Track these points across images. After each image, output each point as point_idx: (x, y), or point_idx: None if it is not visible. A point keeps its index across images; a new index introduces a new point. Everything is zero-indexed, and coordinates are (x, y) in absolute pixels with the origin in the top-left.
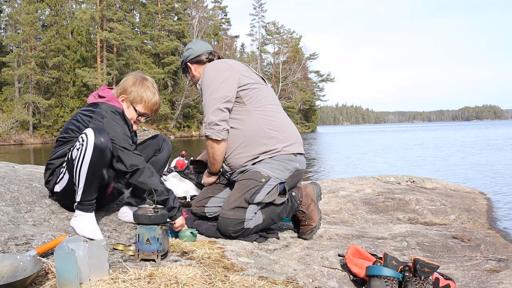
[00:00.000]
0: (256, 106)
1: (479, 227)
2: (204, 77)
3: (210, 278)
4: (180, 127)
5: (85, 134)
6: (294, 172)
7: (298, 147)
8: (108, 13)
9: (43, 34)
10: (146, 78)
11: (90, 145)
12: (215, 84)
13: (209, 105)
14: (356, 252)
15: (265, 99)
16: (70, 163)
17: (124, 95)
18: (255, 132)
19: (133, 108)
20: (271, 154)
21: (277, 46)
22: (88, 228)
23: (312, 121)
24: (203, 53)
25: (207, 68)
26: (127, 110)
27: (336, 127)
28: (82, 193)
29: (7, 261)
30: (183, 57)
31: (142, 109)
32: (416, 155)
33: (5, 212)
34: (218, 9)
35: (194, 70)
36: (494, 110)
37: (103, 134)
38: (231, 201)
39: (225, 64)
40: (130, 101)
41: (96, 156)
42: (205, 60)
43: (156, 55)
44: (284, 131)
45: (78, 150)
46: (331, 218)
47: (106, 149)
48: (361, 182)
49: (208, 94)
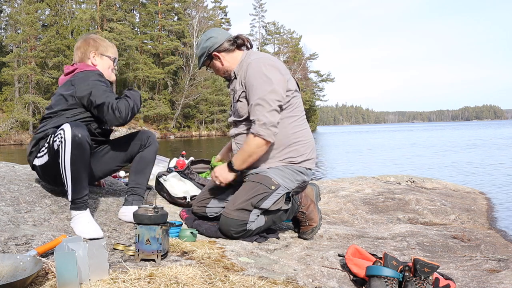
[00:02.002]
0: (290, 114)
1: (479, 227)
2: (257, 71)
3: (210, 278)
4: (180, 127)
5: (62, 130)
6: (301, 183)
7: (312, 163)
8: (108, 13)
9: (43, 34)
10: (92, 34)
11: (68, 141)
12: (271, 82)
13: (267, 104)
14: (356, 252)
15: (299, 109)
16: (52, 151)
17: (92, 52)
18: (282, 140)
19: (106, 56)
20: (286, 163)
21: (277, 46)
22: (86, 229)
23: (312, 121)
24: (227, 39)
25: (260, 62)
26: (102, 62)
27: (336, 127)
28: (72, 191)
29: (7, 261)
30: (205, 48)
31: (113, 54)
32: (400, 154)
33: (5, 212)
34: (218, 9)
35: (223, 59)
36: (494, 110)
37: (80, 128)
38: (237, 202)
39: (275, 64)
40: (100, 53)
41: (75, 152)
42: (233, 47)
43: (156, 55)
44: (308, 145)
45: (59, 147)
46: (331, 218)
47: (84, 143)
48: (361, 182)
49: (265, 92)
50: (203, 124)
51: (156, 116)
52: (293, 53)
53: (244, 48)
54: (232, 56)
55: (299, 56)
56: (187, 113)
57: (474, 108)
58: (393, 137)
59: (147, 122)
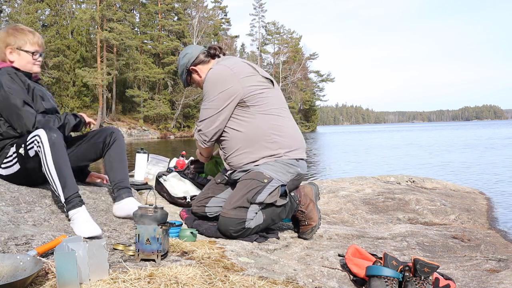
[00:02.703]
0: (261, 110)
1: (479, 227)
2: (206, 81)
3: (210, 278)
4: (180, 127)
5: (38, 136)
6: (296, 176)
7: (300, 153)
8: (108, 13)
9: (43, 34)
10: (15, 25)
11: (46, 144)
12: (214, 92)
13: (202, 114)
14: (356, 252)
15: (270, 103)
16: (25, 159)
17: (8, 47)
18: (258, 136)
19: (23, 52)
20: (273, 158)
21: (277, 46)
22: (85, 228)
23: (312, 121)
24: (201, 51)
25: (210, 73)
26: (19, 58)
27: (336, 127)
28: (62, 191)
29: (7, 261)
30: (183, 65)
31: (32, 48)
32: (395, 154)
33: (5, 212)
34: (218, 9)
35: (200, 72)
36: (494, 110)
37: (53, 129)
38: (233, 201)
39: (229, 71)
40: (16, 48)
41: (55, 152)
42: (208, 58)
43: (156, 55)
44: (288, 136)
45: (39, 152)
46: (331, 218)
47: (59, 142)
48: (361, 182)
49: (205, 102)
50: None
51: (156, 116)
52: (293, 53)
53: (217, 57)
54: (207, 67)
55: (299, 56)
56: (187, 113)
57: (474, 108)
58: (391, 137)
59: (147, 122)
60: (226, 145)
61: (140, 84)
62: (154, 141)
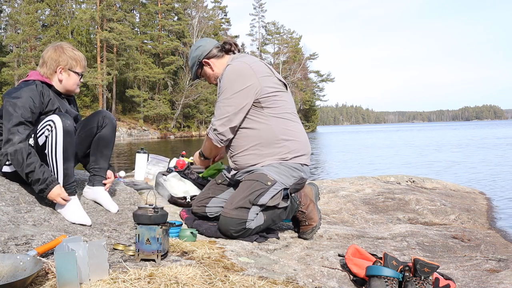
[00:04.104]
0: (274, 112)
1: (479, 227)
2: (225, 77)
3: (210, 278)
4: (180, 127)
5: (51, 121)
6: (299, 180)
7: (306, 159)
8: (108, 13)
9: (43, 34)
10: (62, 43)
11: (59, 130)
12: (233, 90)
13: (221, 111)
14: (356, 252)
15: (283, 107)
16: (38, 149)
17: (60, 66)
18: (269, 139)
19: (73, 72)
20: (279, 160)
21: (277, 46)
22: (76, 215)
23: (312, 121)
24: (215, 45)
25: (231, 68)
26: (68, 78)
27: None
28: (63, 177)
29: (7, 261)
30: (195, 57)
31: (80, 69)
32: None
33: (5, 212)
34: (218, 9)
35: (213, 66)
36: (494, 110)
37: (67, 117)
38: (235, 201)
39: (249, 68)
40: (68, 68)
41: (66, 139)
42: (222, 53)
43: (156, 55)
44: (297, 141)
45: (48, 137)
46: (331, 218)
47: (72, 131)
48: (361, 182)
49: (224, 98)
50: (203, 124)
51: (156, 116)
52: (293, 53)
53: (232, 53)
54: (221, 62)
55: (299, 56)
56: (187, 113)
57: (474, 108)
58: (389, 137)
59: (147, 122)
60: (235, 143)
61: (140, 84)
62: (154, 141)
